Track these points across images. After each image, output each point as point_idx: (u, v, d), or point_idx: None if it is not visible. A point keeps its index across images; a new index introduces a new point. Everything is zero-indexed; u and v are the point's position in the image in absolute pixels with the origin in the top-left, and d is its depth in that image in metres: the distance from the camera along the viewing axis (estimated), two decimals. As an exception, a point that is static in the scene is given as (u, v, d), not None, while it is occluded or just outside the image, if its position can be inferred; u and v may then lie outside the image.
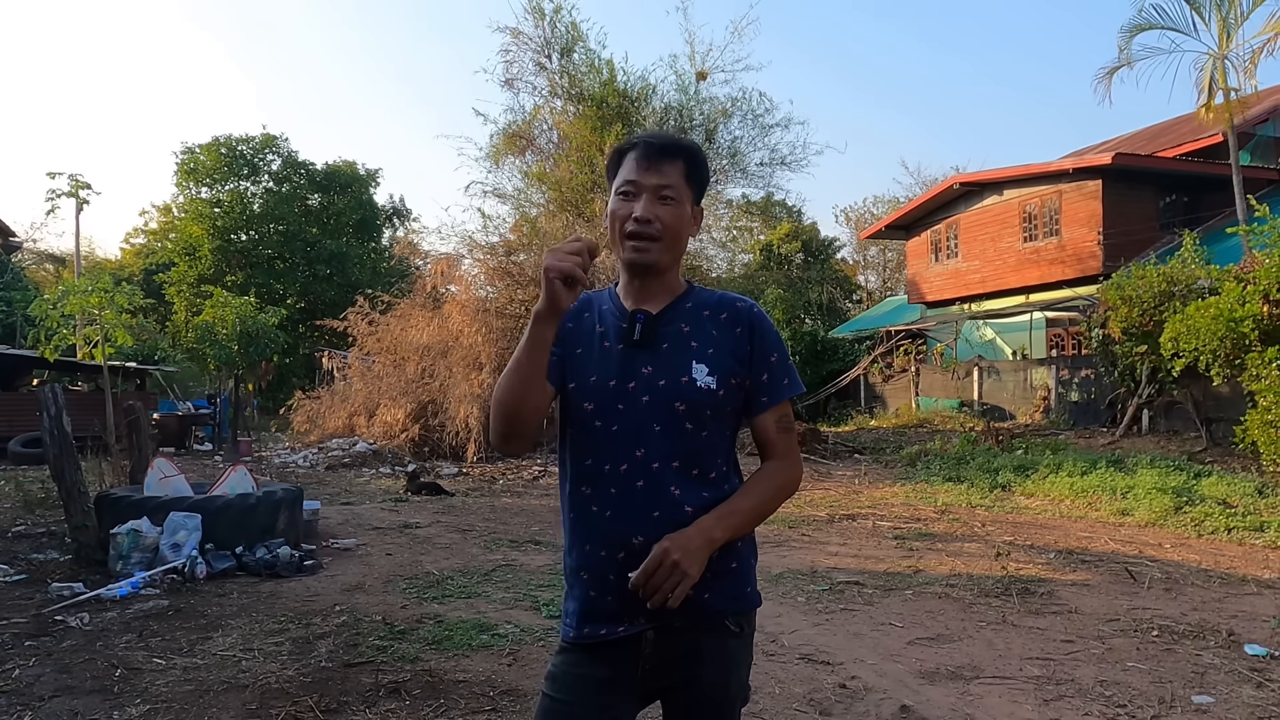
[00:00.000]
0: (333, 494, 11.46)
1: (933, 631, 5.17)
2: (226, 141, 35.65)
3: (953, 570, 6.90)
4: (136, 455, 8.51)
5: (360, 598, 5.91)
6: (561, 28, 21.69)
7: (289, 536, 7.12)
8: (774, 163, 23.33)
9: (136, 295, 14.31)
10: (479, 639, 4.86)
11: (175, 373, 26.62)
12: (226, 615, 5.40)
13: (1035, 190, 21.52)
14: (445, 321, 17.05)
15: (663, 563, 1.58)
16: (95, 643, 4.78)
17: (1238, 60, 17.21)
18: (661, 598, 1.58)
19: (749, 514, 1.72)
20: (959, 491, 11.57)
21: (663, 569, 1.58)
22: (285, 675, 4.27)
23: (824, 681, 4.29)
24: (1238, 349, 11.15)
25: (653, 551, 1.59)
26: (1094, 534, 8.69)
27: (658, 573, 1.58)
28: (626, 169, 1.75)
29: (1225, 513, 9.20)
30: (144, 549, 6.36)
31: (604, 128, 20.68)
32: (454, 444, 15.41)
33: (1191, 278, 13.79)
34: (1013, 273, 22.08)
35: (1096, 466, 11.84)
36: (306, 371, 30.34)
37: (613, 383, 1.71)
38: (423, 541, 8.15)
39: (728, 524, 1.67)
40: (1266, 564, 7.25)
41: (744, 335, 1.76)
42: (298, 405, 18.79)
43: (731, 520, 1.68)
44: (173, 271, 35.26)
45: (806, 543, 8.19)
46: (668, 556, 1.58)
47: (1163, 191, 20.66)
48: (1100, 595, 6.10)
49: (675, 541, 1.60)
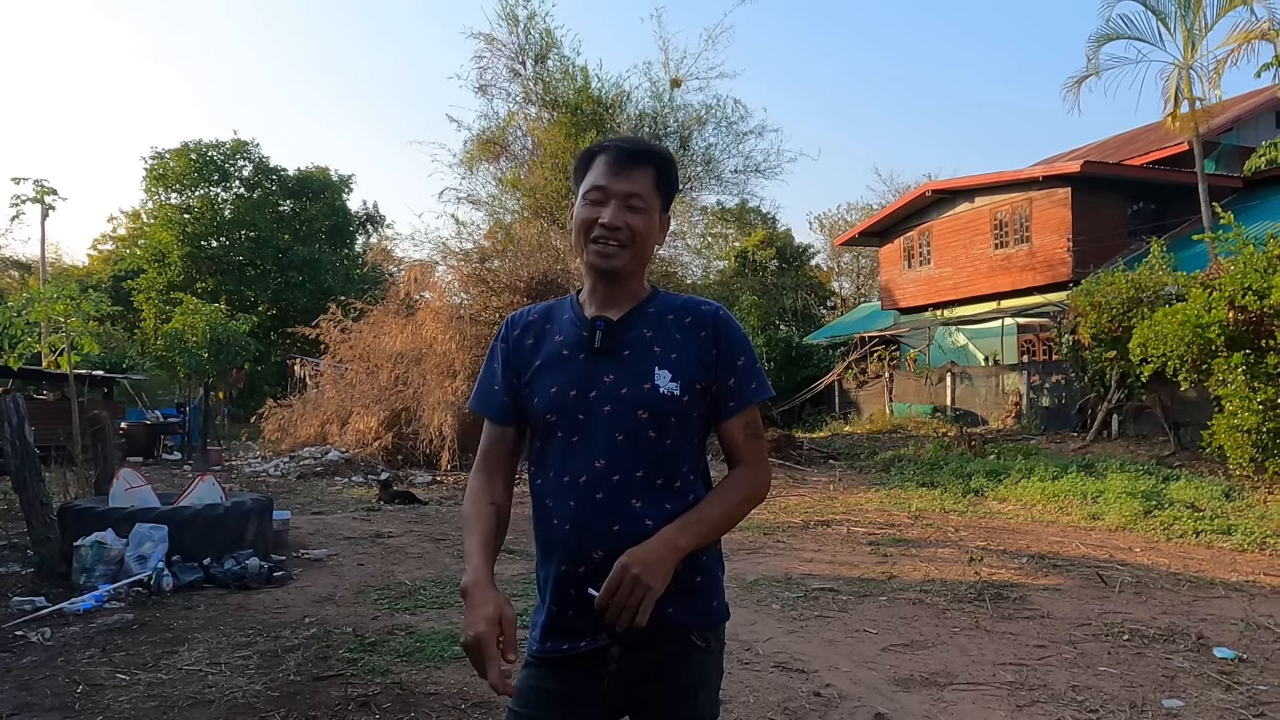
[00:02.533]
0: (304, 503, 11.33)
1: (907, 638, 5.18)
2: (197, 147, 35.22)
3: (926, 576, 6.93)
4: (101, 465, 8.36)
5: (330, 609, 5.83)
6: (535, 34, 21.66)
7: (258, 547, 7.02)
8: (748, 170, 23.43)
9: (104, 302, 14.11)
10: (451, 650, 4.81)
11: (144, 381, 26.25)
12: (193, 628, 5.31)
13: (1006, 197, 21.75)
14: (419, 328, 16.93)
15: (623, 579, 1.54)
16: (57, 658, 4.68)
17: (1203, 70, 17.51)
18: (628, 617, 1.54)
19: (716, 521, 1.67)
20: (932, 497, 11.64)
21: (624, 586, 1.53)
22: (253, 690, 4.19)
23: (798, 690, 4.28)
24: (1204, 354, 11.29)
25: (613, 569, 1.55)
26: (1065, 538, 8.76)
27: (619, 590, 1.54)
28: (595, 173, 1.72)
29: (1193, 516, 9.32)
30: (108, 561, 6.24)
31: (578, 134, 20.66)
32: (427, 452, 15.30)
33: (1159, 284, 13.97)
34: (985, 279, 22.28)
35: (1067, 471, 11.96)
36: (278, 379, 30.03)
37: (573, 393, 1.68)
38: (395, 551, 8.07)
39: (693, 531, 1.62)
40: (1234, 567, 7.34)
41: (709, 339, 1.73)
42: (269, 413, 18.58)
43: (697, 528, 1.63)
44: (141, 278, 34.73)
45: (781, 549, 8.20)
46: (627, 572, 1.54)
47: (1131, 199, 20.95)
48: (1072, 600, 6.14)
49: (634, 556, 1.55)
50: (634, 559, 1.55)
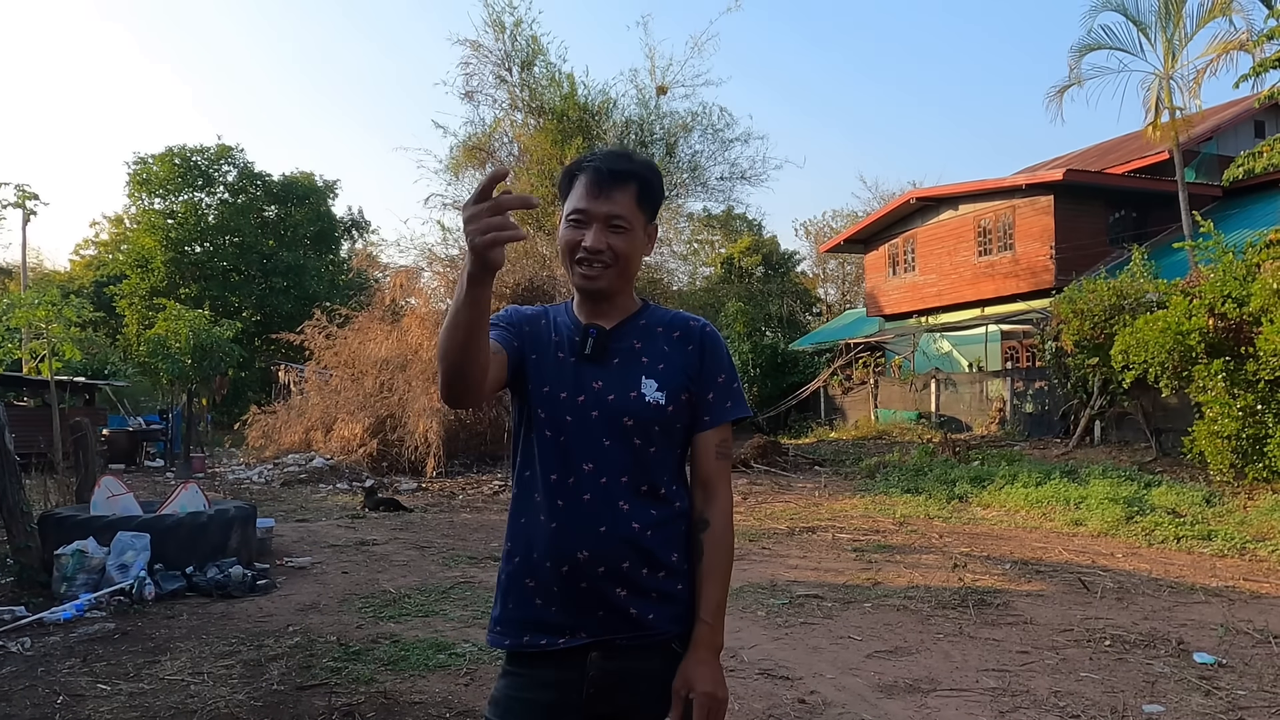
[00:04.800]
0: (288, 511, 11.26)
1: (891, 644, 5.20)
2: (180, 152, 35.04)
3: (911, 582, 6.96)
4: (83, 473, 8.28)
5: (314, 618, 5.80)
6: (522, 41, 21.74)
7: (242, 555, 6.98)
8: (734, 177, 23.59)
9: (86, 308, 14.04)
10: (436, 659, 4.79)
11: (126, 387, 25.99)
12: (175, 638, 5.27)
13: (990, 205, 21.91)
14: (404, 335, 16.89)
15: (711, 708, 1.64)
16: (37, 669, 4.63)
17: (1183, 80, 17.73)
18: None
19: (725, 589, 1.75)
20: (917, 503, 11.69)
21: (713, 715, 1.64)
22: (235, 700, 4.17)
23: (783, 697, 4.29)
24: (1185, 361, 11.41)
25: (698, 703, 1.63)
26: (1048, 544, 8.82)
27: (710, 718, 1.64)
28: (576, 195, 1.72)
29: (1175, 522, 9.40)
30: (90, 570, 6.19)
31: (564, 141, 20.72)
32: (413, 459, 15.24)
33: (1140, 292, 14.10)
34: (968, 286, 22.43)
35: (1050, 477, 12.04)
36: (262, 386, 29.83)
37: (563, 395, 1.70)
38: (380, 559, 8.03)
39: (720, 618, 1.71)
40: (1214, 572, 7.41)
41: (695, 353, 1.76)
42: (253, 420, 18.46)
43: (720, 613, 1.72)
44: (124, 284, 34.51)
45: (766, 556, 8.21)
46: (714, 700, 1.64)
47: (1112, 207, 21.15)
48: (1054, 605, 6.19)
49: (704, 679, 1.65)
50: (705, 683, 1.64)
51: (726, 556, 1.76)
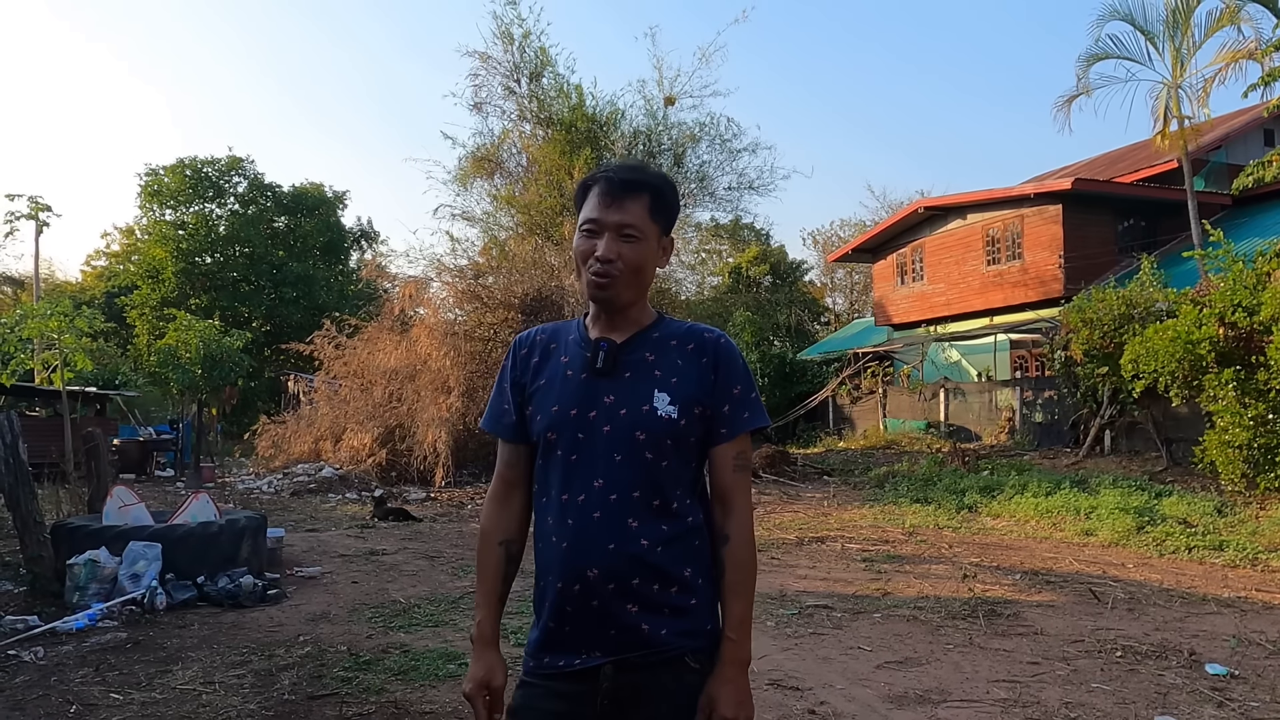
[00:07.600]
0: (298, 521, 11.30)
1: (901, 655, 5.19)
2: (191, 163, 35.28)
3: (920, 592, 6.94)
4: (95, 483, 8.34)
5: (325, 627, 5.82)
6: (530, 53, 21.86)
7: (252, 565, 7.00)
8: (742, 186, 23.63)
9: (97, 319, 14.13)
10: (446, 669, 4.80)
11: (137, 397, 26.11)
12: (187, 647, 5.29)
13: (998, 214, 21.88)
14: (413, 345, 16.94)
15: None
16: (50, 678, 4.66)
17: (1191, 89, 17.67)
18: None
19: (749, 604, 1.76)
20: (926, 513, 11.66)
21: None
22: (247, 709, 4.19)
23: (793, 708, 4.28)
24: (1195, 370, 11.37)
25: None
26: (1059, 554, 8.78)
27: None
28: (590, 206, 1.74)
29: (1186, 532, 9.36)
30: (102, 580, 6.22)
31: (572, 152, 20.79)
32: (422, 468, 15.27)
33: (1150, 301, 14.06)
34: (977, 295, 22.38)
35: (1060, 487, 12.00)
36: (272, 396, 29.97)
37: (574, 411, 1.71)
38: (389, 569, 8.05)
39: (743, 633, 1.72)
40: (1226, 583, 7.37)
41: (709, 365, 1.75)
42: (262, 430, 18.52)
43: (743, 628, 1.72)
44: (135, 294, 34.70)
45: (776, 566, 8.20)
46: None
47: (1121, 216, 21.09)
48: (1065, 616, 6.16)
49: (728, 698, 1.66)
50: (728, 705, 1.66)
51: (748, 571, 1.76)
